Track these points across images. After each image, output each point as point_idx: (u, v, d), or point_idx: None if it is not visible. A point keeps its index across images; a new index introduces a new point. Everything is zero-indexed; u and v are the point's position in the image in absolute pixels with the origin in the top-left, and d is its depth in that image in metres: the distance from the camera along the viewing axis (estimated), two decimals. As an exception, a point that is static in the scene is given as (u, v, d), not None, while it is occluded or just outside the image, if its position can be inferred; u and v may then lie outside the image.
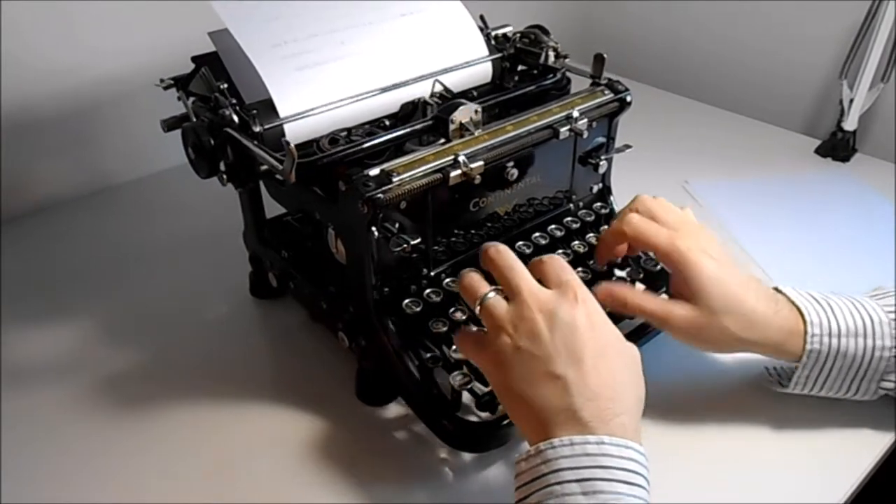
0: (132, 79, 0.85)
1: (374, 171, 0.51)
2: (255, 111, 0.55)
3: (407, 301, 0.56)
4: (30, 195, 0.84)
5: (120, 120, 0.87)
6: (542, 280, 0.48)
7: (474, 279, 0.50)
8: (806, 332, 0.52)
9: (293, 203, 0.63)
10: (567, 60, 0.68)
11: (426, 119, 0.57)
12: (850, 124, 0.94)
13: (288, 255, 0.64)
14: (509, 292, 0.48)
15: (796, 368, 0.54)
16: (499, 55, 0.68)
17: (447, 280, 0.57)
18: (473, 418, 0.55)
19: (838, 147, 0.95)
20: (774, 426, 0.56)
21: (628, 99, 0.63)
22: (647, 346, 0.59)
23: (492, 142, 0.55)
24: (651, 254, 0.61)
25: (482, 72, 0.67)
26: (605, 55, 0.63)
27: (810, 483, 0.52)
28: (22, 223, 0.83)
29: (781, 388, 0.56)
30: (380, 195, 0.49)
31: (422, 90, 0.62)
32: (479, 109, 0.56)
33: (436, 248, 0.57)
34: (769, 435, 0.56)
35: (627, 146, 0.66)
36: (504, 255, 0.49)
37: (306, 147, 0.57)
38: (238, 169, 0.57)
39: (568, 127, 0.58)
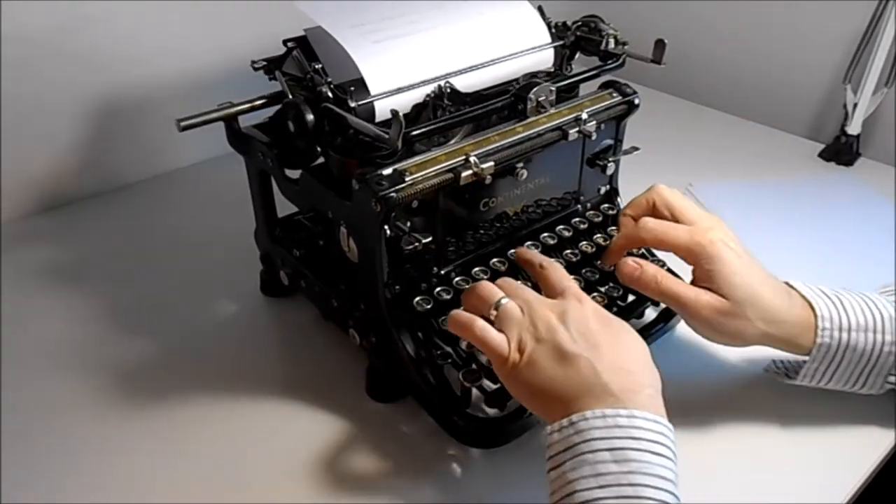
0: (147, 82, 0.86)
1: (387, 171, 0.51)
2: (352, 88, 0.56)
3: (417, 299, 0.56)
4: (42, 192, 0.85)
5: (135, 119, 0.88)
6: (542, 287, 0.51)
7: (489, 286, 0.51)
8: (816, 326, 0.53)
9: (305, 202, 0.64)
10: (626, 47, 0.68)
11: (505, 97, 0.59)
12: (853, 129, 0.95)
13: (299, 253, 0.65)
14: (519, 302, 0.49)
15: (805, 362, 0.54)
16: (560, 42, 0.68)
17: (457, 278, 0.58)
18: (483, 415, 0.55)
19: (842, 151, 0.96)
20: (778, 425, 0.57)
21: (636, 101, 0.64)
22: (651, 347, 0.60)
23: (502, 142, 0.56)
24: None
25: (544, 58, 0.68)
26: (665, 41, 0.64)
27: (813, 482, 0.53)
28: (34, 220, 0.84)
29: (789, 381, 0.57)
30: (392, 194, 0.50)
31: (495, 74, 0.64)
32: (554, 89, 0.59)
33: (446, 246, 0.58)
34: (772, 434, 0.57)
35: (635, 148, 0.67)
36: (510, 281, 0.52)
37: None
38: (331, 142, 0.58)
39: (577, 129, 0.59)
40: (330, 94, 0.56)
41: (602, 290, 0.61)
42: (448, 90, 0.60)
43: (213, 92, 0.64)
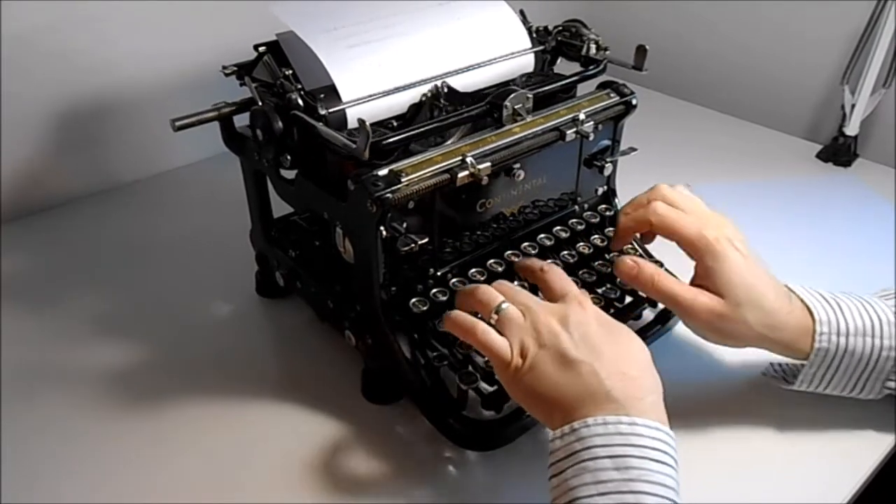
0: (142, 82, 0.86)
1: (383, 171, 0.51)
2: (322, 95, 0.55)
3: (413, 300, 0.56)
4: (39, 193, 0.85)
5: (130, 119, 0.87)
6: (544, 291, 0.51)
7: (489, 290, 0.50)
8: (815, 331, 0.52)
9: (301, 202, 0.64)
10: (608, 53, 0.68)
11: (481, 105, 0.58)
12: (851, 129, 0.95)
13: (295, 254, 0.65)
14: (520, 307, 0.49)
15: (803, 366, 0.54)
16: (540, 47, 0.68)
17: (454, 280, 0.58)
18: (479, 417, 0.55)
19: (840, 152, 0.95)
20: (776, 427, 0.57)
21: (634, 102, 0.64)
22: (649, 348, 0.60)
23: (499, 143, 0.56)
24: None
25: (524, 64, 0.67)
26: (646, 47, 0.63)
27: (813, 483, 0.53)
28: (31, 221, 0.84)
29: (787, 385, 0.56)
30: (389, 195, 0.50)
31: (471, 80, 0.63)
32: (531, 96, 0.57)
33: (442, 248, 0.57)
34: (771, 436, 0.56)
35: (633, 149, 0.67)
36: (508, 285, 0.52)
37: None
38: (302, 151, 0.57)
39: (574, 129, 0.59)
40: (300, 102, 0.55)
41: (599, 291, 0.61)
42: (445, 90, 0.60)
43: (208, 92, 0.64)
